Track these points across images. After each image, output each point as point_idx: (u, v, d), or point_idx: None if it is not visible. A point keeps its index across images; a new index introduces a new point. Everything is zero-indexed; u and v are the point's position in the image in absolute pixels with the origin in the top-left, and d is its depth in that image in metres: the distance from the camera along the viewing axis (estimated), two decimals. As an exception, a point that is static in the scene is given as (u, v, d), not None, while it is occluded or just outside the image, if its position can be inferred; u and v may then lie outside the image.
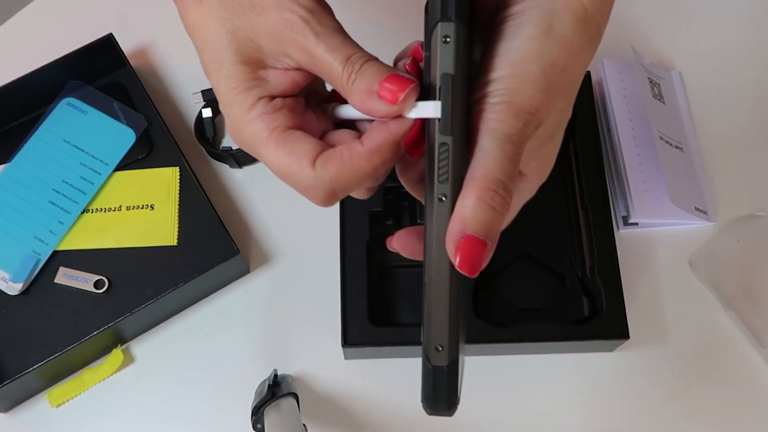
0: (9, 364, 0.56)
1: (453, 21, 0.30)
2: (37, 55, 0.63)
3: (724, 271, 0.60)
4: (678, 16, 0.71)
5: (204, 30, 0.34)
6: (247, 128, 0.33)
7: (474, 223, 0.30)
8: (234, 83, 0.33)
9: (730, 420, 0.58)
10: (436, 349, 0.32)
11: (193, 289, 0.58)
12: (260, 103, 0.33)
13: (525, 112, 0.31)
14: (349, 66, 0.32)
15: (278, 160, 0.33)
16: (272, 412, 0.51)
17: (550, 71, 0.31)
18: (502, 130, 0.30)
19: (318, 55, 0.32)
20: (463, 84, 0.30)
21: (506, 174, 0.30)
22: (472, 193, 0.30)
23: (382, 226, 0.59)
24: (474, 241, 0.30)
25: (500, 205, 0.30)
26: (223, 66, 0.33)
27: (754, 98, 0.68)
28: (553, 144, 0.34)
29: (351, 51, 0.32)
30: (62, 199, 0.61)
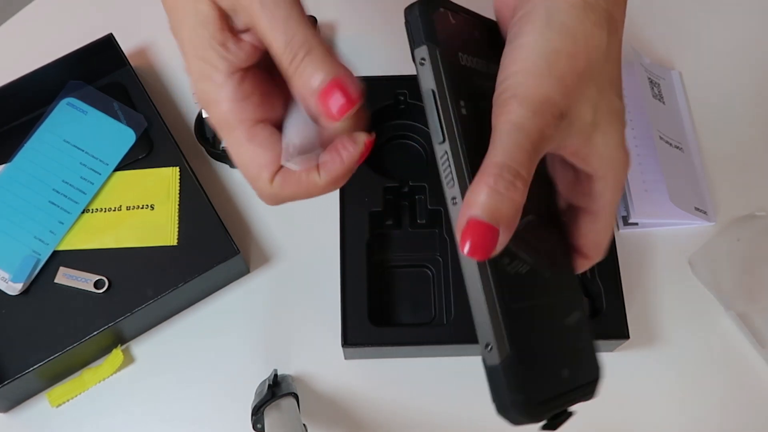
0: (9, 364, 0.56)
1: (424, 44, 0.32)
2: (37, 55, 0.63)
3: (724, 271, 0.60)
4: (678, 16, 0.71)
5: None
6: (214, 107, 0.33)
7: (477, 208, 0.30)
8: (198, 50, 0.32)
9: (730, 420, 0.58)
10: (487, 349, 0.31)
11: (193, 289, 0.57)
12: (230, 82, 0.32)
13: (533, 102, 0.31)
14: (289, 51, 0.31)
15: (240, 157, 0.33)
16: (272, 412, 0.51)
17: (554, 60, 0.31)
18: (510, 120, 0.31)
19: (261, 30, 0.31)
20: (449, 93, 0.32)
21: (512, 158, 0.30)
22: (476, 181, 0.30)
23: (382, 226, 0.59)
24: (478, 225, 0.30)
25: (505, 188, 0.30)
26: (187, 28, 0.33)
27: (754, 98, 0.68)
28: (605, 134, 0.33)
29: (293, 32, 0.31)
30: (62, 199, 0.61)
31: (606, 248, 0.36)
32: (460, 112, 0.31)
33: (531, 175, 0.31)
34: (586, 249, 0.36)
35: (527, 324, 0.31)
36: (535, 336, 0.32)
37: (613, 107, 0.34)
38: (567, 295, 0.35)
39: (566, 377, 0.32)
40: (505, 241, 0.30)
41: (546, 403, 0.31)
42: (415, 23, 0.32)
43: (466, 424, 0.57)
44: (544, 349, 0.32)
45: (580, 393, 0.33)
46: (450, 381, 0.58)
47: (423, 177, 0.59)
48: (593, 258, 0.37)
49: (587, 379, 0.34)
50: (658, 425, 0.57)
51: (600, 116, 0.33)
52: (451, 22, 0.33)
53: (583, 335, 0.35)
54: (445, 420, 0.57)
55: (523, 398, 0.30)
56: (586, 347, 0.35)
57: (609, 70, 0.33)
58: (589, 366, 0.34)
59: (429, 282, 0.59)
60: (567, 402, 0.32)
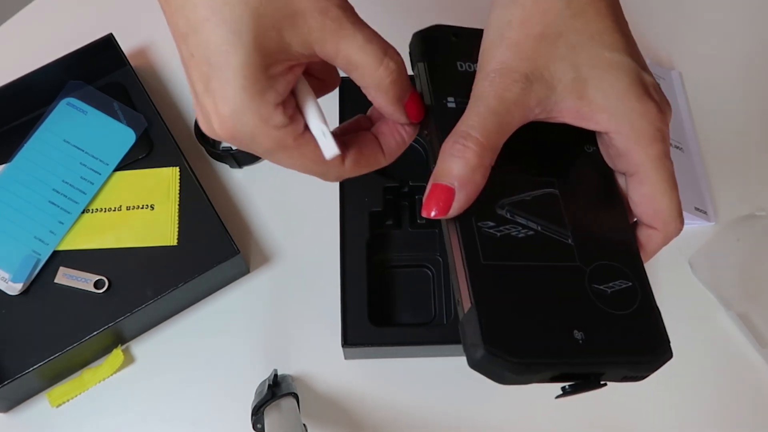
0: (9, 364, 0.56)
1: (414, 64, 0.38)
2: (37, 55, 0.63)
3: (724, 271, 0.60)
4: (678, 16, 0.71)
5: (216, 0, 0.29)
6: (261, 138, 0.31)
7: (435, 174, 0.33)
8: (246, 79, 0.29)
9: (730, 420, 0.58)
10: (458, 306, 0.32)
11: (193, 289, 0.57)
12: (277, 113, 0.31)
13: (488, 70, 0.33)
14: (386, 61, 0.32)
15: (300, 165, 0.34)
16: (272, 412, 0.51)
17: (506, 29, 0.33)
18: (473, 93, 0.34)
19: (352, 46, 0.31)
20: (433, 94, 0.36)
21: (466, 123, 0.33)
22: (440, 151, 0.33)
23: (382, 226, 0.59)
24: (435, 187, 0.32)
25: (457, 151, 0.32)
26: (236, 52, 0.29)
27: (754, 98, 0.68)
28: (598, 88, 0.33)
29: (385, 45, 0.32)
30: (62, 199, 0.61)
31: (673, 217, 0.34)
32: (445, 107, 0.35)
33: (491, 137, 0.32)
34: (647, 219, 0.35)
35: (507, 281, 0.32)
36: (520, 294, 0.32)
37: (602, 59, 0.33)
38: (603, 265, 0.34)
39: (582, 340, 0.31)
40: (463, 198, 0.32)
41: (533, 356, 0.30)
42: (414, 49, 0.38)
43: (466, 424, 0.57)
44: (535, 307, 0.32)
45: (622, 360, 0.32)
46: (450, 381, 0.58)
47: (423, 177, 0.58)
48: (661, 229, 0.35)
49: (634, 349, 0.32)
50: (658, 425, 0.57)
51: (585, 71, 0.33)
52: (452, 42, 0.38)
53: (636, 306, 0.33)
54: (445, 420, 0.57)
55: (482, 351, 0.29)
56: (635, 318, 0.33)
57: (581, 26, 0.33)
58: (643, 337, 0.33)
59: (429, 282, 0.59)
60: (590, 366, 0.31)
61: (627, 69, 0.33)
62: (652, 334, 0.33)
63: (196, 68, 0.30)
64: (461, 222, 0.33)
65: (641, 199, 0.35)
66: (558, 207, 0.35)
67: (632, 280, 0.34)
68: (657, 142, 0.34)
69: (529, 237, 0.33)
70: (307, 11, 0.30)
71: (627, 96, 0.33)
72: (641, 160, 0.34)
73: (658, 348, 0.33)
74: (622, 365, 0.32)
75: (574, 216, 0.35)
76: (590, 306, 0.32)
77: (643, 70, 0.34)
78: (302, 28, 0.30)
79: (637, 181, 0.35)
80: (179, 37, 0.31)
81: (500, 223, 0.33)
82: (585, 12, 0.33)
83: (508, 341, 0.30)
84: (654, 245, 0.35)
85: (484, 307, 0.30)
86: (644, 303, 0.34)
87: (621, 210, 0.36)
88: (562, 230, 0.34)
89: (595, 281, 0.33)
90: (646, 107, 0.33)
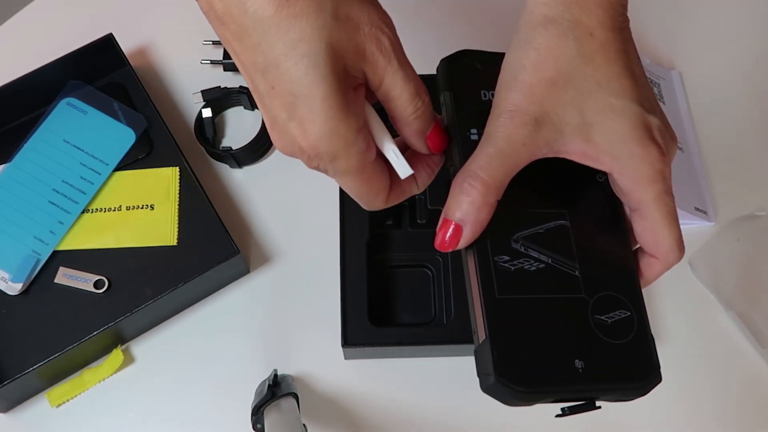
0: (9, 364, 0.56)
1: (442, 92, 0.40)
2: (37, 55, 0.63)
3: (724, 271, 0.60)
4: (678, 16, 0.71)
5: (292, 34, 0.31)
6: (342, 160, 0.35)
7: (446, 209, 0.36)
8: (332, 109, 0.32)
9: (730, 420, 0.58)
10: (474, 334, 0.36)
11: (193, 289, 0.57)
12: (360, 139, 0.34)
13: (500, 111, 0.36)
14: (416, 101, 0.36)
15: (358, 190, 0.37)
16: (272, 412, 0.51)
17: (520, 72, 0.35)
18: (485, 131, 0.36)
19: (394, 82, 0.35)
20: (459, 126, 0.39)
21: (474, 163, 0.35)
22: (451, 188, 0.36)
23: (382, 226, 0.59)
24: (444, 222, 0.36)
25: (463, 191, 0.35)
26: (320, 84, 0.32)
27: (755, 98, 0.68)
28: (603, 132, 0.35)
29: (420, 85, 0.36)
30: (62, 199, 0.61)
31: (672, 248, 0.37)
32: (468, 139, 0.38)
33: (497, 177, 0.35)
34: (648, 248, 0.38)
35: (519, 314, 0.35)
36: (529, 326, 0.35)
37: (608, 105, 0.35)
38: (606, 295, 0.37)
39: (582, 369, 0.34)
40: (469, 234, 0.35)
41: (538, 385, 0.34)
42: (441, 76, 0.40)
43: (466, 424, 0.57)
44: (543, 339, 0.35)
45: (616, 387, 0.35)
46: (450, 381, 0.58)
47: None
48: (662, 259, 0.38)
49: (628, 375, 0.35)
50: (657, 425, 0.57)
51: (591, 116, 0.35)
52: (477, 69, 0.40)
53: (632, 335, 0.36)
54: (445, 420, 0.57)
55: (493, 380, 0.33)
56: (631, 346, 0.36)
57: (590, 73, 0.35)
58: (636, 364, 0.36)
59: (429, 282, 0.59)
60: (588, 392, 0.35)
61: (631, 114, 0.35)
62: (645, 361, 0.36)
63: (278, 98, 0.33)
64: (479, 256, 0.36)
65: (643, 232, 0.37)
66: (568, 239, 0.38)
67: (631, 310, 0.37)
68: (657, 183, 0.36)
69: (540, 270, 0.36)
70: (366, 41, 0.33)
71: (629, 141, 0.35)
72: (642, 199, 0.36)
73: (650, 374, 0.36)
74: (616, 391, 0.35)
75: (582, 247, 0.37)
76: (591, 336, 0.35)
77: (649, 113, 0.36)
78: (357, 57, 0.34)
79: (639, 216, 0.37)
80: (256, 71, 0.33)
81: (514, 257, 0.36)
82: (594, 59, 0.35)
83: (516, 372, 0.34)
84: (654, 273, 0.39)
85: (496, 340, 0.34)
86: (640, 331, 0.36)
87: (625, 238, 0.39)
88: (570, 262, 0.37)
89: (597, 312, 0.36)
90: (646, 151, 0.35)
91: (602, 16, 0.35)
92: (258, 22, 0.32)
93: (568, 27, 0.35)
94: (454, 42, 0.40)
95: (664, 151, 0.36)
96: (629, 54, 0.36)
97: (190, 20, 0.69)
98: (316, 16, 0.31)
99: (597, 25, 0.35)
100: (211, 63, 0.66)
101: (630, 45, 0.37)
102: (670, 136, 0.37)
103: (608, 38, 0.35)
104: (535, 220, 0.37)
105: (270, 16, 0.31)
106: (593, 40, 0.35)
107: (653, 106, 0.37)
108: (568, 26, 0.35)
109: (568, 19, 0.35)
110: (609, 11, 0.36)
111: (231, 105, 0.66)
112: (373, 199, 0.38)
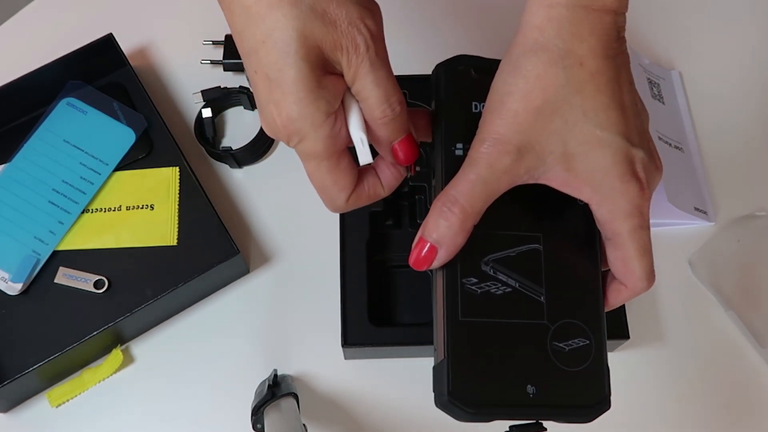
0: (9, 364, 0.56)
1: (433, 99, 0.40)
2: (37, 55, 0.63)
3: (724, 271, 0.60)
4: (678, 16, 0.71)
5: (268, 22, 0.34)
6: (307, 142, 0.36)
7: (423, 229, 0.37)
8: (301, 92, 0.34)
9: (730, 420, 0.58)
10: (435, 351, 0.37)
11: (193, 289, 0.57)
12: (327, 123, 0.35)
13: (484, 138, 0.36)
14: (383, 106, 0.36)
15: (322, 179, 0.38)
16: (272, 412, 0.51)
17: (508, 99, 0.36)
18: (469, 155, 0.36)
19: (364, 83, 0.36)
20: (444, 139, 0.39)
21: (455, 188, 0.36)
22: (431, 207, 0.37)
23: (382, 226, 0.59)
24: (420, 241, 0.36)
25: (442, 214, 0.36)
26: (290, 69, 0.34)
27: (755, 98, 0.68)
28: (585, 163, 0.36)
29: (390, 92, 0.36)
30: (62, 199, 0.61)
31: (641, 279, 0.37)
32: (453, 155, 0.38)
33: (476, 205, 0.36)
34: (618, 275, 0.38)
35: (479, 338, 0.36)
36: (488, 350, 0.36)
37: (592, 136, 0.35)
38: (567, 323, 0.38)
39: (533, 394, 0.36)
40: (443, 256, 0.36)
41: (488, 408, 0.36)
42: (435, 82, 0.40)
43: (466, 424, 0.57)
44: (499, 363, 0.36)
45: (564, 412, 0.36)
46: (450, 381, 0.58)
47: (423, 177, 0.59)
48: (631, 287, 0.38)
49: (577, 402, 0.37)
50: (657, 425, 0.57)
51: (575, 146, 0.35)
52: (472, 77, 0.40)
53: (588, 362, 0.37)
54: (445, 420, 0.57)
55: (446, 399, 0.35)
56: (584, 374, 0.37)
57: (578, 103, 0.35)
58: (587, 391, 0.37)
59: (429, 282, 0.59)
60: (534, 415, 0.36)
61: (615, 148, 0.35)
62: (597, 389, 0.37)
63: (261, 81, 0.35)
64: (447, 278, 0.37)
65: (615, 261, 0.38)
66: (538, 263, 0.38)
67: (590, 338, 0.38)
68: (633, 218, 0.36)
69: (506, 294, 0.37)
70: (342, 38, 0.34)
71: (610, 174, 0.36)
72: (618, 231, 0.37)
73: (599, 403, 0.37)
74: (563, 416, 0.37)
75: (551, 273, 0.38)
76: (547, 363, 0.37)
77: (633, 146, 0.36)
78: (335, 52, 0.35)
79: (613, 245, 0.38)
80: (245, 55, 0.36)
81: (483, 279, 0.37)
82: (583, 89, 0.35)
83: (468, 394, 0.35)
84: (619, 299, 0.39)
85: (454, 362, 0.35)
86: (596, 359, 0.37)
87: (595, 264, 0.39)
88: (537, 288, 0.38)
89: (556, 339, 0.37)
90: (626, 187, 0.36)
91: (594, 44, 0.35)
92: (242, 10, 0.35)
93: (559, 55, 0.35)
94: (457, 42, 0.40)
95: (644, 186, 0.36)
96: (620, 83, 0.36)
97: (190, 20, 0.69)
98: (291, 7, 0.34)
99: (588, 53, 0.35)
100: (211, 63, 0.66)
101: (623, 72, 0.37)
102: (655, 167, 0.37)
103: (599, 67, 0.35)
104: (509, 242, 0.38)
105: (250, 5, 0.34)
106: (583, 69, 0.35)
107: (640, 138, 0.37)
108: (558, 54, 0.35)
109: (559, 46, 0.35)
110: (602, 39, 0.35)
111: (231, 105, 0.66)
112: (336, 195, 0.38)
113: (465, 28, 0.70)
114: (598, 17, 0.35)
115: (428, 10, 0.70)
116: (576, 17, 0.35)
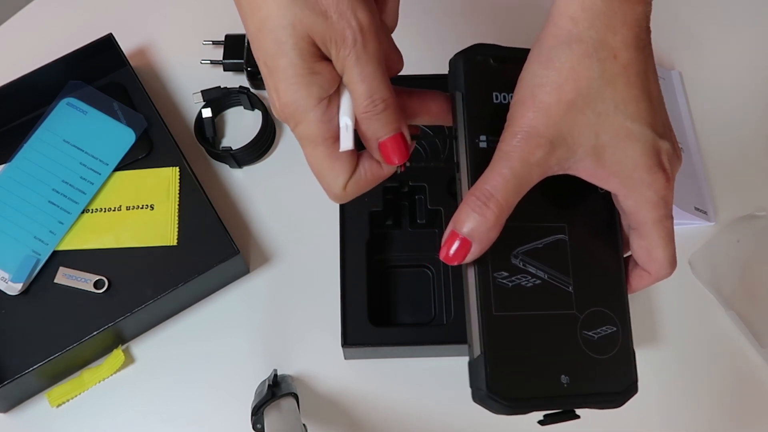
0: (9, 364, 0.56)
1: (454, 92, 0.39)
2: (37, 55, 0.63)
3: (724, 271, 0.60)
4: (678, 16, 0.71)
5: (263, 12, 0.35)
6: (302, 126, 0.36)
7: (455, 223, 0.36)
8: (293, 78, 0.35)
9: (730, 420, 0.58)
10: (469, 347, 0.37)
11: (193, 289, 0.58)
12: (319, 107, 0.36)
13: (517, 131, 0.35)
14: (367, 102, 0.36)
15: (319, 165, 0.38)
16: (272, 412, 0.51)
17: (540, 91, 0.35)
18: (500, 148, 0.36)
19: (351, 76, 0.35)
20: (467, 131, 0.38)
21: (488, 182, 0.35)
22: (462, 202, 0.36)
23: (382, 226, 0.59)
24: (453, 236, 0.36)
25: (477, 209, 0.35)
26: (282, 57, 0.35)
27: (755, 98, 0.68)
28: (615, 156, 0.36)
29: (375, 89, 0.36)
30: (62, 199, 0.61)
31: (664, 265, 0.38)
32: (477, 147, 0.37)
33: (510, 199, 0.35)
34: (642, 262, 0.39)
35: (513, 331, 0.36)
36: (522, 343, 0.36)
37: (623, 129, 0.35)
38: (595, 311, 0.38)
39: (567, 383, 0.36)
40: (477, 251, 0.36)
41: (525, 400, 0.36)
42: (453, 72, 0.39)
43: (465, 425, 0.57)
44: (533, 356, 0.36)
45: (597, 399, 0.37)
46: (450, 381, 0.58)
47: (423, 177, 0.59)
48: (654, 273, 0.39)
49: (608, 389, 0.38)
50: (657, 424, 0.57)
51: (606, 139, 0.35)
52: (491, 67, 0.39)
53: (616, 349, 0.38)
54: (445, 420, 0.57)
55: (485, 394, 0.35)
56: (613, 360, 0.38)
57: (610, 95, 0.35)
58: (616, 378, 0.38)
59: (429, 282, 0.59)
60: (569, 404, 0.37)
61: (644, 140, 0.36)
62: (625, 375, 0.38)
63: (262, 68, 0.36)
64: (479, 273, 0.37)
65: (639, 249, 0.39)
66: (565, 254, 0.38)
67: (617, 325, 0.39)
68: (659, 208, 0.37)
69: (536, 286, 0.37)
70: (331, 29, 0.35)
71: (639, 166, 0.36)
72: (643, 221, 0.37)
73: (628, 388, 0.38)
74: (595, 403, 0.37)
75: (577, 262, 0.38)
76: (578, 352, 0.37)
77: (660, 137, 0.36)
78: (325, 42, 0.35)
79: (637, 234, 0.38)
80: (250, 42, 0.37)
81: (513, 272, 0.37)
82: (615, 81, 0.35)
83: (506, 388, 0.36)
84: (642, 284, 0.40)
85: (490, 357, 0.36)
86: (623, 345, 0.38)
87: (618, 251, 0.40)
88: (565, 278, 0.38)
89: (585, 327, 0.38)
90: (653, 177, 0.36)
91: (627, 35, 0.35)
92: (243, 0, 0.36)
93: (593, 47, 0.35)
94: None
95: (669, 176, 0.37)
96: (648, 75, 0.36)
97: (190, 20, 0.69)
98: None
99: (621, 45, 0.35)
100: (211, 63, 0.66)
101: (650, 63, 0.37)
102: (677, 156, 0.38)
103: (631, 59, 0.35)
104: (535, 234, 0.38)
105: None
106: (616, 62, 0.35)
107: (665, 129, 0.37)
108: (593, 46, 0.35)
109: (593, 38, 0.35)
110: (634, 29, 0.35)
111: (231, 105, 0.66)
112: (333, 181, 0.38)
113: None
114: (631, 8, 0.35)
115: (434, 9, 0.70)
116: (610, 8, 0.35)
